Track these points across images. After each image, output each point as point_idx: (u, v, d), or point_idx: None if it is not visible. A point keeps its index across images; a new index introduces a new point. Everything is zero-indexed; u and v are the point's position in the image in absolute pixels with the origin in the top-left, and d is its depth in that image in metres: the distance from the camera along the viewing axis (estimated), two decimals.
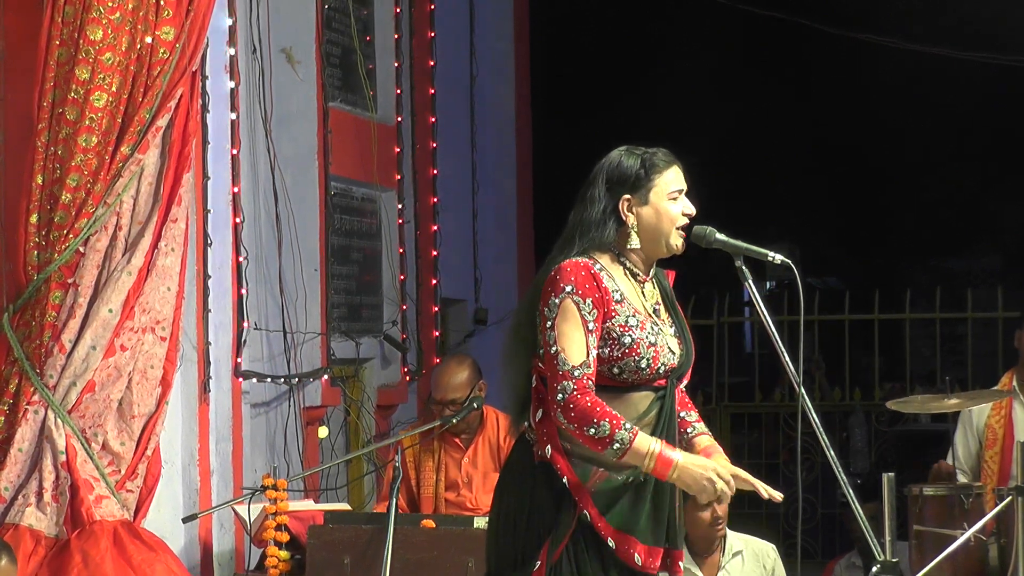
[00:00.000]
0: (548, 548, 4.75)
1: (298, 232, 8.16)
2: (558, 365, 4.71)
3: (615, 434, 4.65)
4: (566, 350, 4.72)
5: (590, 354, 4.72)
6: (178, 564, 6.57)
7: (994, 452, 7.70)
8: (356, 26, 8.95)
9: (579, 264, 4.78)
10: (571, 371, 4.70)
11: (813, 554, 11.59)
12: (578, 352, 4.71)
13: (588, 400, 4.68)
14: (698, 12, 13.22)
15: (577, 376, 4.69)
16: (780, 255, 4.91)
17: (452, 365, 7.26)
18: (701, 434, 5.02)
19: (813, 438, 5.19)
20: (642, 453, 4.67)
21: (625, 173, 4.87)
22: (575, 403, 4.68)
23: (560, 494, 4.76)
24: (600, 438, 4.66)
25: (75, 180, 6.37)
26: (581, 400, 4.68)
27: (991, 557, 7.31)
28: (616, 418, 4.67)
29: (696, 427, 5.04)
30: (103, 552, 6.26)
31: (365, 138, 8.95)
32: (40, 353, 6.39)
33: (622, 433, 4.65)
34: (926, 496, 7.34)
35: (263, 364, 7.86)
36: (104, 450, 6.44)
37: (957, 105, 15.25)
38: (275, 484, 6.73)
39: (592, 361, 4.72)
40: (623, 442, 4.65)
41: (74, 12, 6.37)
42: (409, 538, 6.38)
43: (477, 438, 7.26)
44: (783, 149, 16.37)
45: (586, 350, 4.72)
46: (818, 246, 17.74)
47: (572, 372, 4.70)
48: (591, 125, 13.43)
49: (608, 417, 4.66)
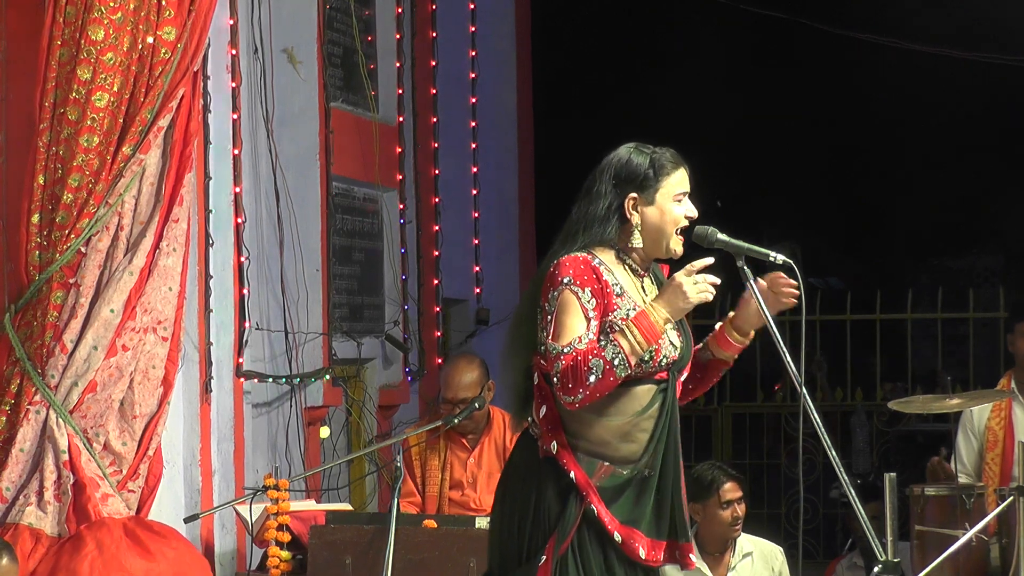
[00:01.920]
0: (554, 543, 4.76)
1: (300, 232, 8.16)
2: (550, 352, 4.72)
3: (606, 357, 4.65)
4: (558, 337, 4.72)
5: (584, 336, 4.71)
6: (190, 548, 6.57)
7: (995, 454, 7.70)
8: (358, 26, 8.95)
9: (577, 258, 4.79)
10: (560, 352, 4.70)
11: (814, 554, 11.59)
12: (569, 335, 4.72)
13: (567, 360, 4.67)
14: (699, 12, 13.21)
15: (567, 352, 4.69)
16: (781, 255, 4.91)
17: (463, 364, 7.27)
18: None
19: (815, 438, 5.19)
20: (628, 338, 4.68)
21: (634, 171, 4.88)
22: (563, 372, 4.68)
23: (566, 489, 4.78)
24: (605, 373, 4.66)
25: (77, 180, 6.37)
26: (566, 363, 4.67)
27: (993, 557, 7.32)
28: (593, 348, 4.67)
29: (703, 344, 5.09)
30: (116, 539, 6.27)
31: (367, 138, 8.95)
32: (42, 353, 6.39)
33: (609, 352, 4.66)
34: (928, 496, 7.35)
35: (265, 364, 7.86)
36: (106, 450, 6.44)
37: (959, 105, 15.24)
38: (277, 484, 6.73)
39: (585, 340, 4.71)
40: (617, 354, 4.66)
41: (75, 12, 6.37)
42: (411, 538, 6.38)
43: (483, 438, 7.27)
44: (784, 149, 16.36)
45: (580, 333, 4.71)
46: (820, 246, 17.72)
47: (561, 350, 4.70)
48: (593, 125, 13.42)
49: (589, 353, 4.66)
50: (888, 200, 17.31)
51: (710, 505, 6.78)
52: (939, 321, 12.15)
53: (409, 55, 9.52)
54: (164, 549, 6.37)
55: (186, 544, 6.57)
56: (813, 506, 11.83)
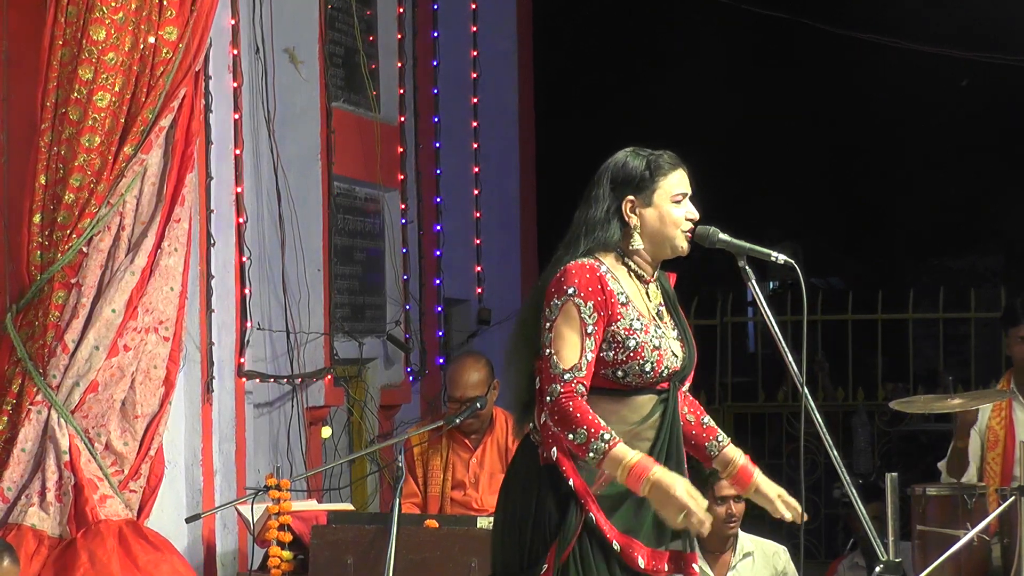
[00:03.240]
0: (555, 550, 4.75)
1: (301, 232, 8.16)
2: (550, 367, 4.71)
3: (590, 443, 4.64)
4: (559, 352, 4.71)
5: (584, 357, 4.71)
6: (183, 563, 6.57)
7: (996, 453, 7.70)
8: (359, 26, 8.95)
9: (585, 266, 4.78)
10: (561, 375, 4.69)
11: (816, 554, 11.58)
12: (571, 355, 4.71)
13: (571, 405, 4.67)
14: (701, 12, 13.21)
15: (566, 380, 4.69)
16: (783, 255, 4.91)
17: (470, 363, 7.27)
18: (730, 445, 5.06)
19: (816, 438, 5.18)
20: (616, 461, 4.65)
21: (630, 174, 4.87)
22: (559, 407, 4.68)
23: (566, 497, 4.76)
24: (579, 444, 4.66)
25: (78, 180, 6.38)
26: (564, 405, 4.67)
27: (994, 557, 7.31)
28: (596, 426, 4.65)
29: (722, 437, 5.06)
30: (109, 552, 6.26)
31: (368, 138, 8.95)
32: (43, 353, 6.39)
33: (597, 443, 4.64)
34: (929, 496, 7.34)
35: (266, 364, 7.86)
36: (107, 450, 6.44)
37: (960, 105, 15.23)
38: (278, 484, 6.74)
39: (585, 365, 4.71)
40: (597, 451, 4.64)
41: (77, 12, 6.38)
42: (412, 538, 6.38)
43: (486, 438, 7.27)
44: (785, 149, 16.35)
45: (580, 353, 4.71)
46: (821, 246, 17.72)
47: (562, 376, 4.69)
48: (594, 125, 13.43)
49: (587, 424, 4.65)
50: (889, 200, 17.30)
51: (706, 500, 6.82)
52: (940, 321, 12.14)
53: (411, 55, 9.53)
54: (158, 563, 6.36)
55: (179, 558, 6.55)
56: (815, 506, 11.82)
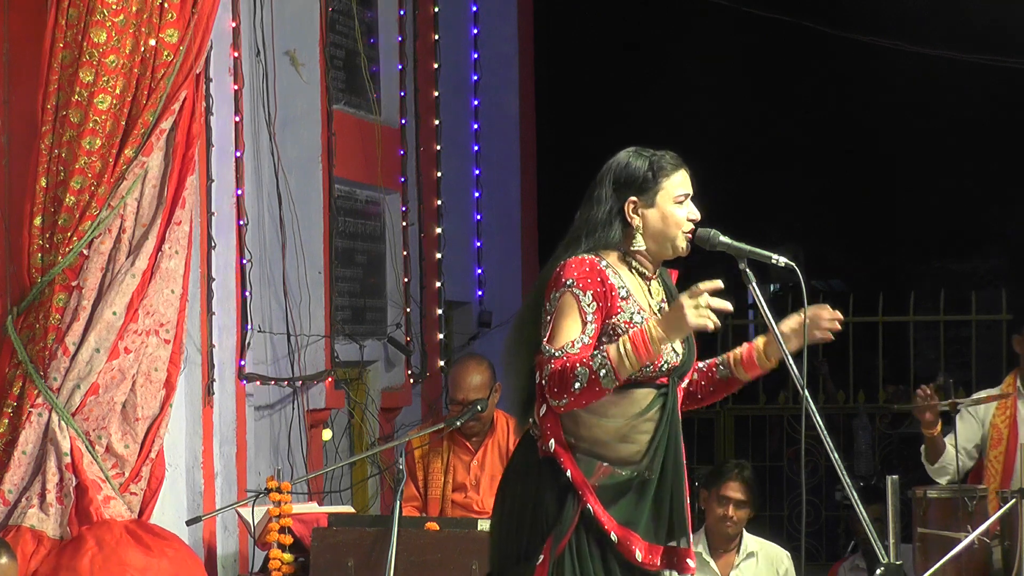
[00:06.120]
0: (551, 542, 4.75)
1: (302, 235, 8.16)
2: (543, 353, 4.72)
3: (591, 367, 4.62)
4: (554, 339, 4.72)
5: (579, 341, 4.70)
6: (190, 552, 6.57)
7: (998, 452, 7.70)
8: (360, 29, 8.96)
9: (583, 260, 4.80)
10: (552, 355, 4.70)
11: (817, 556, 11.59)
12: (565, 339, 4.71)
13: (559, 364, 4.66)
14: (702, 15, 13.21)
15: (557, 356, 4.69)
16: (784, 258, 4.92)
17: (473, 365, 7.28)
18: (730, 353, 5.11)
19: (817, 441, 5.19)
20: (621, 353, 4.64)
21: (632, 175, 4.88)
22: (551, 376, 4.67)
23: (564, 489, 4.78)
24: (590, 382, 4.63)
25: (79, 183, 6.37)
26: (555, 368, 4.67)
27: (995, 559, 7.31)
28: (584, 356, 4.64)
29: (721, 357, 5.11)
30: (117, 536, 6.27)
31: (369, 141, 8.96)
32: (44, 356, 6.39)
33: (596, 362, 4.63)
34: (930, 498, 7.34)
35: (267, 367, 7.86)
36: (108, 452, 6.44)
37: (962, 107, 15.23)
38: (279, 487, 6.74)
39: (580, 346, 4.70)
40: (602, 364, 4.63)
41: (78, 15, 6.37)
42: (413, 540, 6.38)
43: (487, 440, 7.28)
44: (786, 150, 16.36)
45: (576, 337, 4.70)
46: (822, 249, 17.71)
47: (553, 355, 4.69)
48: (595, 127, 13.43)
49: (578, 360, 4.64)
50: (890, 202, 17.30)
51: (712, 495, 6.98)
52: (941, 323, 12.14)
53: (411, 57, 9.53)
54: (164, 548, 6.37)
55: (186, 548, 6.57)
56: (816, 508, 11.84)
